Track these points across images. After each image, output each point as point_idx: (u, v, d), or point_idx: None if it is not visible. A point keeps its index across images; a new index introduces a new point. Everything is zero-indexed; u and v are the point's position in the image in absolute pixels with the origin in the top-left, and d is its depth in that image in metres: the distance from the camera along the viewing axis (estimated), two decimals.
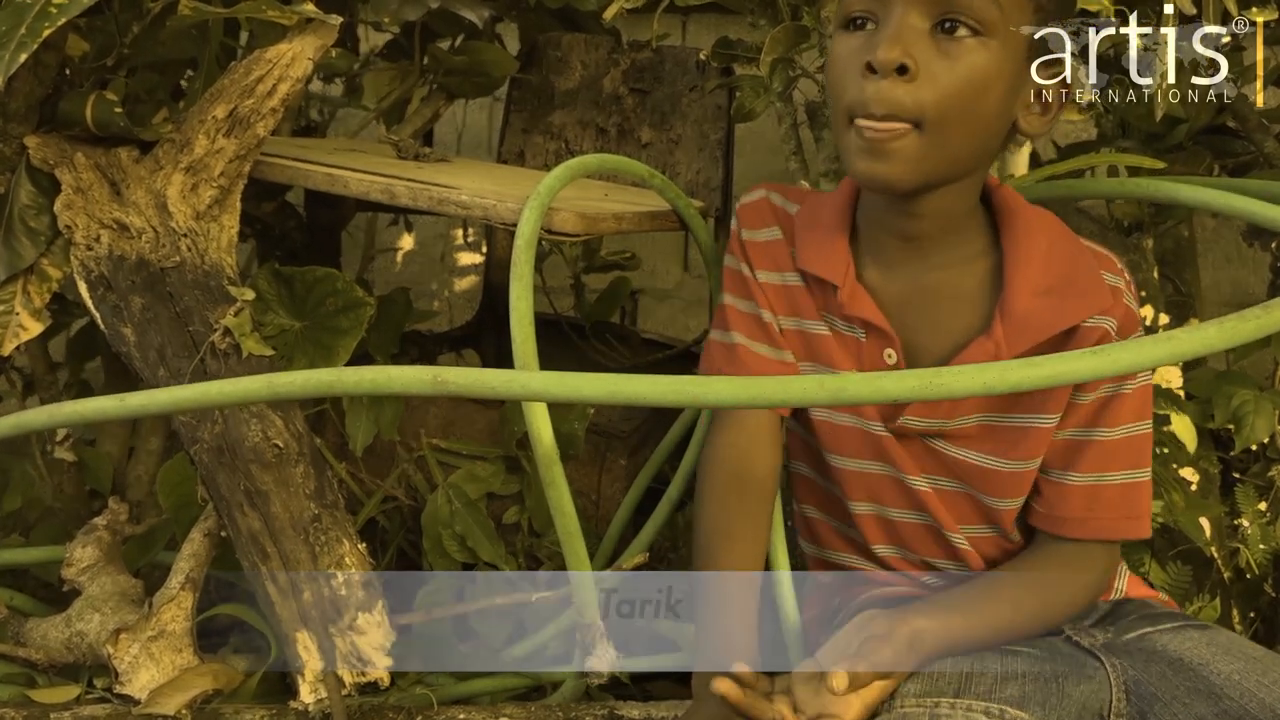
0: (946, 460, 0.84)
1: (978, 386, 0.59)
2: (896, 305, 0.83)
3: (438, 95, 1.58)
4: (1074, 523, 0.83)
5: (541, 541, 1.25)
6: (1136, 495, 0.82)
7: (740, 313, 0.90)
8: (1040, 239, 0.81)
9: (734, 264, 0.91)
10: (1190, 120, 1.53)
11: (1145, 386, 0.82)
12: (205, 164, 1.01)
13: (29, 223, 0.99)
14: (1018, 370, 0.59)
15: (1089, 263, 0.81)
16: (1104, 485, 0.82)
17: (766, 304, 0.89)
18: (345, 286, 1.10)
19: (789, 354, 0.88)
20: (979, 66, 0.71)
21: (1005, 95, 0.74)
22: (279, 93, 1.00)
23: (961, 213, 0.81)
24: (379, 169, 1.10)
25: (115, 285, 0.96)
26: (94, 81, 1.06)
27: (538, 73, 1.65)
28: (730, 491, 0.88)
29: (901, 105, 0.70)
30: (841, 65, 0.75)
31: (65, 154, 1.00)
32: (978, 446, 0.83)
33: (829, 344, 0.86)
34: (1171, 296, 1.66)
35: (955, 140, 0.73)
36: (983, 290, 0.82)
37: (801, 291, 0.87)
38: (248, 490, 0.91)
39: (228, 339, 0.95)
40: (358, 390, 0.67)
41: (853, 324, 0.84)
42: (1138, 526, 0.83)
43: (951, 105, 0.71)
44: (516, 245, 0.87)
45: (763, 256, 0.89)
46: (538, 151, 1.62)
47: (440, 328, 1.94)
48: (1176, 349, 0.61)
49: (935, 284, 0.82)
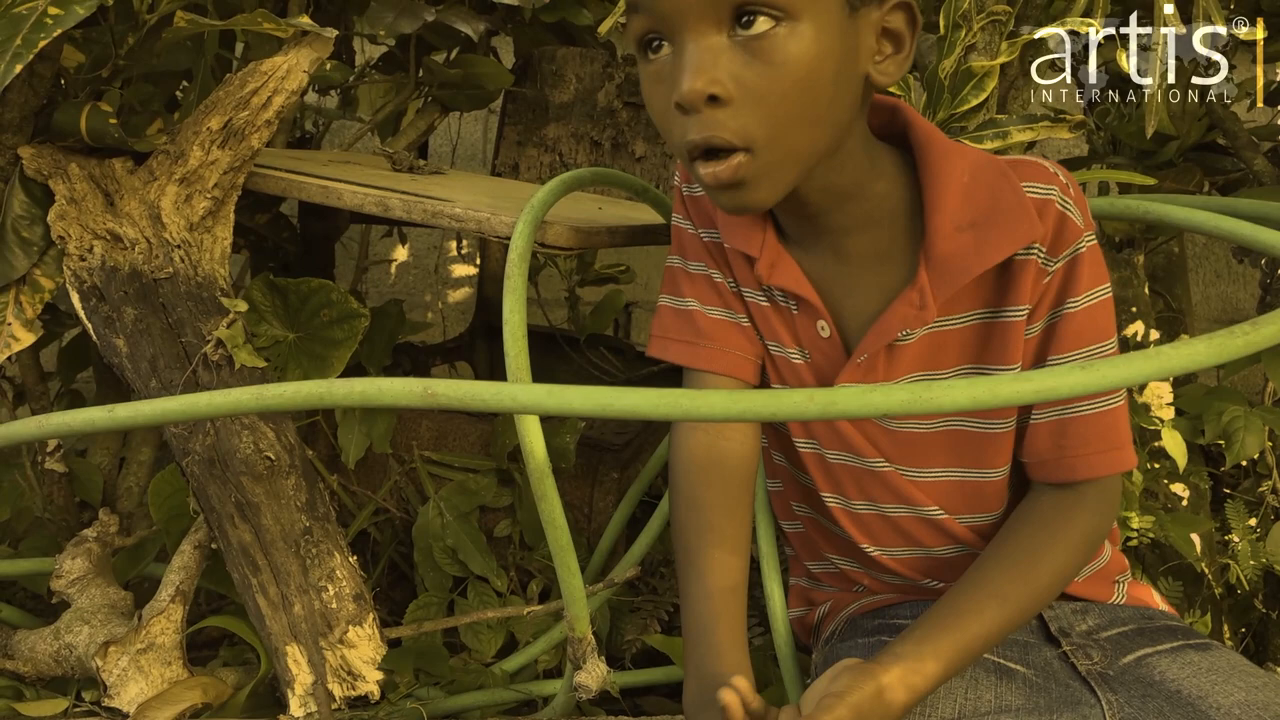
0: (917, 443, 0.81)
1: (966, 401, 0.59)
2: (821, 274, 0.78)
3: (432, 108, 1.58)
4: (1047, 465, 0.78)
5: (533, 554, 1.25)
6: (1108, 424, 0.76)
7: (690, 275, 0.85)
8: (959, 169, 0.73)
9: (680, 222, 0.86)
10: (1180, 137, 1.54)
11: (1097, 303, 0.75)
12: (199, 175, 1.01)
13: (22, 233, 0.99)
14: (1008, 385, 0.59)
15: (1013, 185, 0.73)
16: (1069, 419, 0.76)
17: (714, 264, 0.84)
18: (340, 298, 1.10)
19: (744, 317, 0.84)
20: (795, 56, 0.62)
21: (839, 69, 0.65)
22: (274, 105, 1.01)
23: (851, 180, 0.74)
24: (373, 181, 1.10)
25: (108, 296, 0.96)
26: (89, 92, 1.06)
27: (532, 86, 1.66)
28: (704, 480, 0.83)
29: (728, 134, 0.63)
30: (654, 101, 0.68)
31: (59, 164, 1.00)
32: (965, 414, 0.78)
33: (769, 315, 0.82)
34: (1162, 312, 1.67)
35: (799, 142, 0.66)
36: (905, 240, 0.76)
37: (737, 256, 0.83)
38: (239, 502, 0.91)
39: (220, 350, 0.95)
40: (348, 402, 0.67)
41: (785, 295, 0.80)
42: (1118, 459, 0.76)
43: (781, 115, 0.64)
44: (510, 259, 0.87)
45: (702, 213, 0.84)
46: (532, 164, 1.62)
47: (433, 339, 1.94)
48: (1165, 364, 0.61)
49: (854, 247, 0.77)
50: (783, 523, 0.98)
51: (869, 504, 0.85)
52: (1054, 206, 0.73)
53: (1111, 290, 0.77)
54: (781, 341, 0.83)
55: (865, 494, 0.84)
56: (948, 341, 0.78)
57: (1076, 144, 2.10)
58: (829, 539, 0.91)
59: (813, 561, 0.96)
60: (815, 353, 0.81)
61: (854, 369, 0.78)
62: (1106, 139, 1.63)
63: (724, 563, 0.80)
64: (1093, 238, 0.76)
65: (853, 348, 0.79)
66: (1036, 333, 0.76)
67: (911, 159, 0.77)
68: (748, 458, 0.85)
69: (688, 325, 0.85)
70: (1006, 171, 0.74)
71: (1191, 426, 1.33)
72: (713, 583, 0.79)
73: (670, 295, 0.87)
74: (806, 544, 0.95)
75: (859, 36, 0.66)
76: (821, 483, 0.86)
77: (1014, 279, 0.74)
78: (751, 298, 0.83)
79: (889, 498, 0.83)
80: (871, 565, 0.88)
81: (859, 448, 0.82)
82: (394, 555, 1.36)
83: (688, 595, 0.80)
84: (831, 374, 0.81)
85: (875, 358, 0.78)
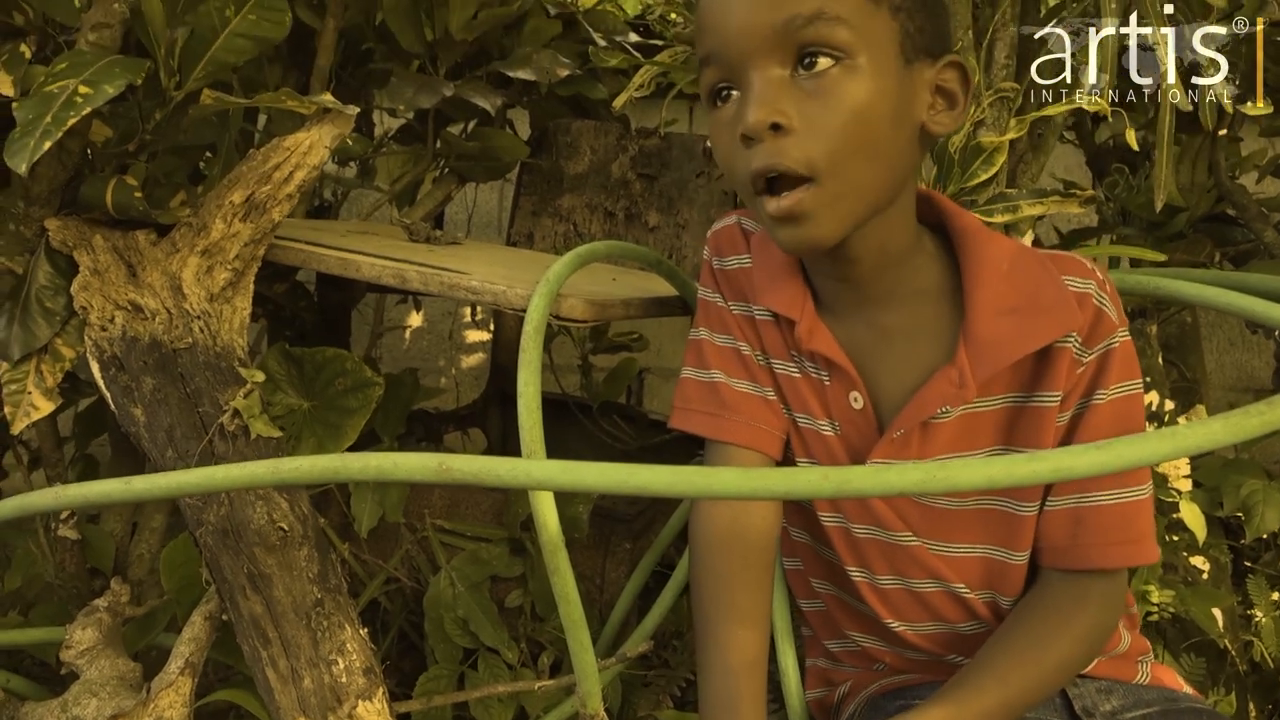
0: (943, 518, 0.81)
1: (981, 480, 0.59)
2: (856, 346, 0.79)
3: (449, 179, 1.61)
4: (1060, 552, 0.77)
5: (544, 626, 1.24)
6: (1129, 516, 0.76)
7: (717, 347, 0.86)
8: (1000, 258, 0.76)
9: (708, 295, 0.88)
10: (1190, 209, 1.55)
11: (1126, 396, 0.76)
12: (221, 247, 1.02)
13: (45, 303, 1.00)
14: (1024, 465, 0.59)
15: (1053, 276, 0.76)
16: (1086, 508, 0.76)
17: (743, 336, 0.85)
18: (354, 367, 1.11)
19: (770, 390, 0.84)
20: (854, 93, 0.66)
21: (896, 109, 0.69)
22: (295, 179, 1.03)
23: (901, 244, 0.76)
24: (391, 253, 1.12)
25: (127, 366, 0.97)
26: (115, 166, 1.08)
27: (548, 157, 1.68)
28: (726, 554, 0.83)
29: (790, 160, 0.67)
30: (722, 144, 0.72)
31: (84, 236, 1.02)
32: (985, 492, 0.78)
33: (800, 386, 0.83)
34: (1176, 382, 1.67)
35: (860, 175, 0.68)
36: (943, 319, 0.78)
37: (770, 327, 0.84)
38: (251, 573, 0.91)
39: (236, 420, 0.95)
40: (363, 477, 0.67)
41: (817, 364, 0.81)
42: (1134, 552, 0.76)
43: (841, 145, 0.67)
44: (525, 332, 0.87)
45: (734, 286, 0.86)
46: (547, 233, 1.64)
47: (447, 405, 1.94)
48: (1181, 444, 0.60)
49: (892, 321, 0.79)
50: (801, 601, 0.96)
51: (895, 578, 0.84)
52: (1091, 300, 0.75)
53: (1142, 387, 0.77)
54: (811, 413, 0.83)
55: (892, 568, 0.84)
56: (981, 423, 0.78)
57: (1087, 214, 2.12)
58: (851, 615, 0.90)
59: (833, 640, 0.95)
60: (846, 425, 0.81)
61: (888, 444, 0.78)
62: (1116, 210, 1.64)
63: (744, 639, 0.79)
64: (1126, 334, 0.77)
65: (885, 421, 0.79)
66: (1064, 421, 0.76)
67: (948, 246, 0.79)
68: (769, 532, 0.84)
69: (712, 397, 0.85)
70: (1046, 263, 0.77)
71: (1210, 499, 1.32)
72: (733, 659, 0.78)
73: (694, 367, 0.87)
74: (827, 622, 0.94)
75: (914, 87, 0.71)
76: (847, 557, 0.85)
77: (1049, 366, 0.75)
78: (781, 369, 0.84)
79: (916, 572, 0.83)
80: (895, 641, 0.87)
81: (887, 522, 0.82)
82: (404, 625, 1.35)
83: (707, 670, 0.79)
84: (862, 446, 0.81)
85: (910, 434, 0.78)
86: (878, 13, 0.67)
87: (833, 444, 0.82)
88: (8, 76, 0.98)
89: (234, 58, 1.03)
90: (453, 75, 1.52)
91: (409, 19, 1.44)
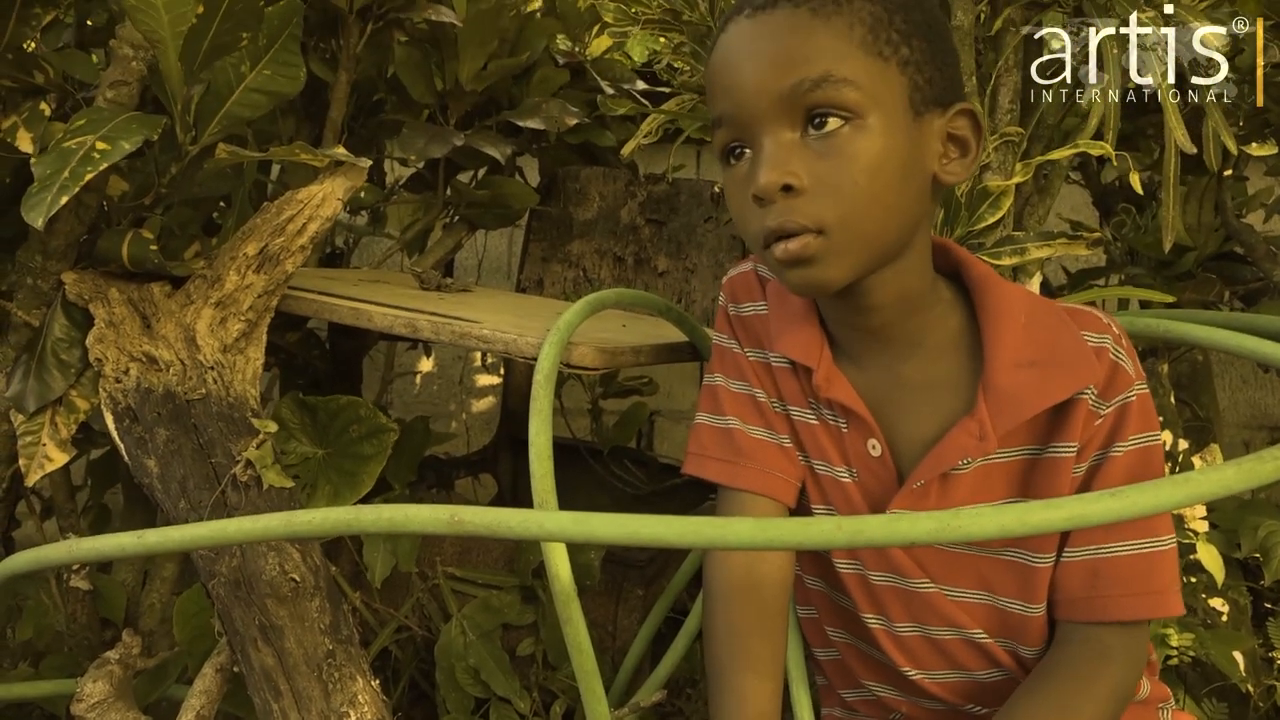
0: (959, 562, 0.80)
1: (994, 529, 0.59)
2: (874, 394, 0.79)
3: (460, 226, 1.63)
4: (1076, 604, 0.76)
5: (557, 674, 1.23)
6: (1151, 567, 0.75)
7: (733, 393, 0.86)
8: (1018, 309, 0.76)
9: (723, 341, 0.88)
10: (1198, 248, 1.56)
11: (1143, 448, 0.75)
12: (234, 299, 1.04)
13: (61, 355, 1.01)
14: (1038, 512, 0.59)
15: (1071, 330, 0.76)
16: (1104, 559, 0.75)
17: (759, 383, 0.85)
18: (368, 413, 1.12)
19: (786, 438, 0.84)
20: (864, 152, 0.67)
21: (906, 164, 0.69)
22: (308, 231, 1.04)
23: (918, 292, 0.77)
24: (402, 302, 1.13)
25: (141, 417, 0.98)
26: (131, 219, 1.10)
27: (557, 204, 1.70)
28: (741, 603, 0.82)
29: (802, 218, 0.67)
30: (735, 201, 0.73)
31: (100, 289, 1.03)
32: (1001, 543, 0.78)
33: (818, 433, 0.82)
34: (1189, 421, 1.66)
35: (870, 229, 0.69)
36: (961, 368, 0.78)
37: (787, 374, 0.84)
38: (262, 625, 0.90)
39: (249, 471, 0.96)
40: (375, 529, 0.67)
41: (835, 411, 0.81)
42: (1158, 603, 0.74)
43: (851, 203, 0.67)
44: (536, 380, 0.88)
45: (750, 332, 0.86)
46: (556, 279, 1.65)
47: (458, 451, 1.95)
48: (1195, 491, 0.60)
49: (909, 369, 0.79)
50: (816, 650, 0.95)
51: (913, 626, 0.83)
52: (1108, 354, 0.75)
53: (1160, 438, 0.77)
54: (829, 460, 0.83)
55: (909, 615, 0.83)
56: (998, 474, 0.78)
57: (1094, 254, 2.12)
58: (867, 664, 0.89)
59: (848, 690, 0.93)
60: (864, 472, 0.81)
61: (908, 494, 0.78)
62: (1124, 250, 1.65)
63: (759, 689, 0.79)
64: (1144, 386, 0.77)
65: (903, 468, 0.79)
66: (1081, 473, 0.76)
67: (964, 294, 0.80)
68: (784, 581, 0.84)
69: (727, 444, 0.85)
70: (1064, 316, 0.77)
71: (1227, 540, 1.31)
72: (748, 709, 0.78)
73: (709, 413, 0.87)
74: (842, 671, 0.93)
75: (925, 139, 0.71)
76: (864, 604, 0.85)
77: (1066, 418, 0.75)
78: (798, 416, 0.84)
79: (934, 619, 0.82)
80: (912, 690, 0.86)
81: (905, 569, 0.81)
82: (415, 674, 1.34)
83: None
84: (880, 493, 0.81)
85: (930, 485, 0.77)
86: (886, 70, 0.68)
87: (850, 491, 0.82)
88: (28, 134, 1.00)
89: (249, 112, 1.04)
90: (463, 124, 1.54)
91: (420, 71, 1.47)
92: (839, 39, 0.67)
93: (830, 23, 0.67)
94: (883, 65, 0.68)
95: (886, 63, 0.68)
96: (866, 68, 0.67)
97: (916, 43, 0.69)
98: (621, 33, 1.43)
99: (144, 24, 0.92)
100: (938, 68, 0.71)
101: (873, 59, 0.67)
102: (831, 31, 0.67)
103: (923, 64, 0.70)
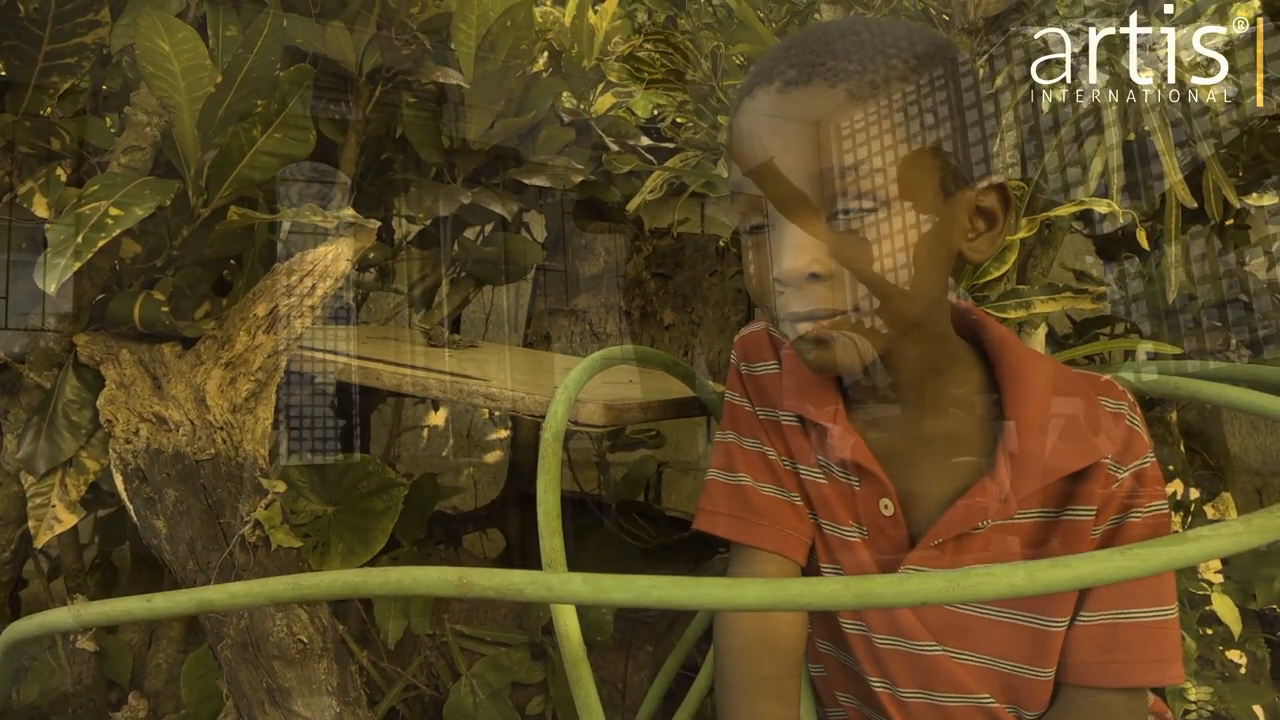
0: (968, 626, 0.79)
1: (1005, 588, 0.58)
2: (888, 453, 0.78)
3: (467, 282, 1.64)
4: (1087, 668, 0.75)
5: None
6: (1160, 635, 0.74)
7: (744, 451, 0.86)
8: (1039, 374, 0.76)
9: (735, 399, 0.88)
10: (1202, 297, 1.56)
11: (1158, 516, 0.75)
12: (244, 359, 1.04)
13: (71, 417, 1.02)
14: (1046, 571, 0.58)
15: (1091, 396, 0.76)
16: (1124, 624, 0.75)
17: (769, 441, 0.85)
18: (377, 469, 1.12)
19: (796, 496, 0.84)
20: (893, 240, 0.66)
21: (932, 246, 0.67)
22: (318, 291, 1.05)
23: (938, 355, 0.76)
24: (411, 360, 1.13)
25: (150, 478, 0.98)
26: (143, 282, 1.11)
27: (563, 259, 1.72)
28: (752, 663, 0.81)
29: (828, 305, 0.67)
30: (754, 270, 0.72)
31: (111, 350, 1.04)
32: (1010, 603, 0.77)
33: (826, 492, 0.82)
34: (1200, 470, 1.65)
35: (894, 308, 0.68)
36: (979, 430, 0.77)
37: (797, 433, 0.83)
38: (270, 688, 0.90)
39: (258, 531, 0.96)
40: (383, 591, 0.67)
41: (847, 470, 0.80)
42: (1165, 671, 0.74)
43: (876, 288, 0.67)
44: (544, 439, 0.88)
45: (761, 391, 0.86)
46: (562, 333, 1.66)
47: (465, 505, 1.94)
48: (1206, 548, 0.60)
49: (927, 430, 0.78)
50: (827, 710, 0.94)
51: (919, 692, 0.82)
52: (1124, 421, 0.76)
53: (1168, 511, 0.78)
54: (837, 519, 0.82)
55: (915, 681, 0.82)
56: (1014, 536, 0.77)
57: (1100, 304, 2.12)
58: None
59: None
60: (874, 531, 0.80)
61: (923, 553, 0.77)
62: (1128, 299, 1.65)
63: None
64: (1152, 457, 0.77)
65: (915, 528, 0.79)
66: (1098, 535, 0.76)
67: (981, 354, 0.80)
68: (796, 640, 0.83)
69: (739, 501, 0.85)
70: (1083, 382, 0.78)
71: (1243, 591, 1.29)
72: None
73: (721, 470, 0.87)
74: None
75: (953, 217, 0.69)
76: (869, 668, 0.84)
77: (1084, 482, 0.75)
78: (808, 475, 0.84)
79: (940, 684, 0.81)
80: None
81: (911, 631, 0.80)
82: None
83: None
84: (892, 551, 0.80)
85: (945, 545, 0.77)
86: (920, 156, 0.66)
87: (858, 548, 0.81)
88: (43, 199, 1.02)
89: (260, 175, 1.06)
90: (470, 182, 1.56)
91: (428, 131, 1.49)
92: (874, 125, 0.65)
93: (866, 107, 0.64)
94: (918, 151, 0.66)
95: (921, 147, 0.66)
96: (901, 154, 0.65)
97: (951, 122, 0.68)
98: (626, 92, 1.46)
99: (161, 90, 0.94)
100: (970, 143, 0.71)
101: (907, 145, 0.65)
102: (867, 117, 0.65)
103: (956, 142, 0.69)
